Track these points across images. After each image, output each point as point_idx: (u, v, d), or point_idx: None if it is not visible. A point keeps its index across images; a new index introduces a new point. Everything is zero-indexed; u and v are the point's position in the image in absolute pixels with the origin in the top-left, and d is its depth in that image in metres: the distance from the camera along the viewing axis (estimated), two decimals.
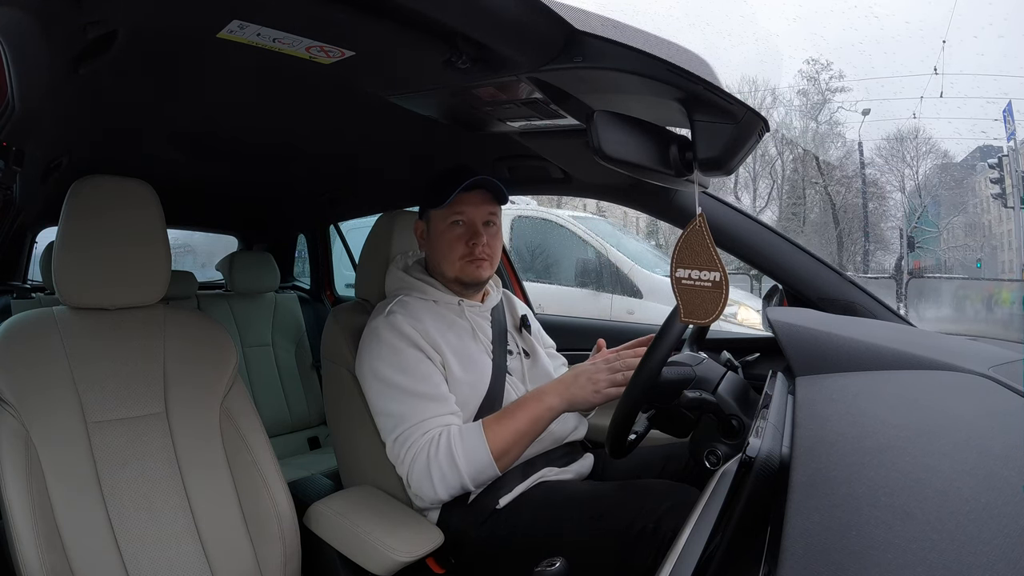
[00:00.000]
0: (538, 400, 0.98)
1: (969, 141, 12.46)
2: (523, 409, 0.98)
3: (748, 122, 0.70)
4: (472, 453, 0.95)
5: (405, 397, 1.00)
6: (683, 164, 0.72)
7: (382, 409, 1.02)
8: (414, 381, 1.00)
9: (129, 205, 0.99)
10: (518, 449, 0.98)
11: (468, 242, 1.09)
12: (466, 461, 0.95)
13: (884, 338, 0.82)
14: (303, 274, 2.93)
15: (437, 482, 0.95)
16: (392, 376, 1.01)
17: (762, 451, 0.54)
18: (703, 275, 0.67)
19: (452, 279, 1.11)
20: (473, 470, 0.95)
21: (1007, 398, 0.64)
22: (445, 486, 0.96)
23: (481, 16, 0.63)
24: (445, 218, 1.10)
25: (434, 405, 1.00)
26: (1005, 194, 9.48)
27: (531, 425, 0.97)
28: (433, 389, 1.01)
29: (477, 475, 0.96)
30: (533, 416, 0.97)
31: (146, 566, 0.90)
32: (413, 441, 0.97)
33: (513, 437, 0.96)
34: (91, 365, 0.95)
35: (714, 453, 0.89)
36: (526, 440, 0.98)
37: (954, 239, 11.66)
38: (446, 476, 0.95)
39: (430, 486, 0.96)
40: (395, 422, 1.00)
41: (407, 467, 0.98)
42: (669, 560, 0.47)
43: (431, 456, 0.95)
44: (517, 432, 0.96)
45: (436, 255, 1.12)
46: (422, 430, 0.97)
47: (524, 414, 0.97)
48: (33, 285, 2.10)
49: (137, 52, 0.73)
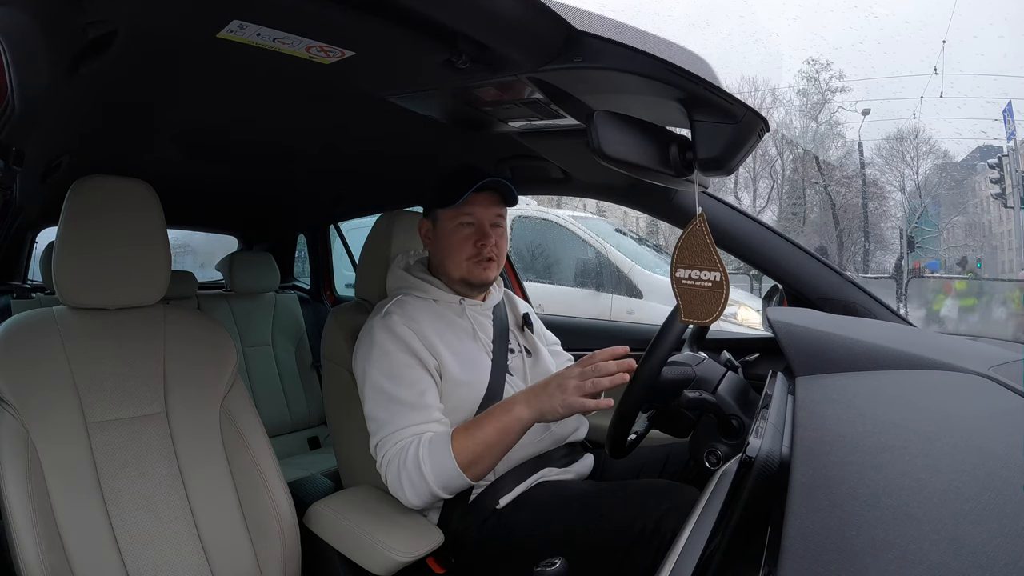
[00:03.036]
0: (506, 411, 0.94)
1: (969, 141, 12.46)
2: (490, 419, 0.94)
3: (748, 122, 0.70)
4: (438, 464, 0.93)
5: (388, 403, 0.99)
6: (683, 164, 0.72)
7: (368, 413, 1.03)
8: (399, 387, 0.99)
9: (129, 205, 0.99)
10: (489, 459, 0.94)
11: (476, 243, 1.09)
12: (432, 471, 0.93)
13: (884, 338, 0.82)
14: (303, 274, 2.93)
15: (407, 490, 0.95)
16: (379, 380, 1.01)
17: (762, 451, 0.54)
18: (703, 275, 0.67)
19: (458, 279, 1.11)
20: (440, 480, 0.93)
21: (1007, 398, 0.64)
22: (416, 494, 0.95)
23: (481, 16, 0.63)
24: (454, 218, 1.09)
25: (413, 413, 0.98)
26: (1005, 194, 9.48)
27: (499, 436, 0.93)
28: (416, 398, 0.99)
29: (446, 484, 0.94)
30: (500, 427, 0.93)
31: (146, 566, 0.90)
32: (387, 449, 0.97)
33: (480, 448, 0.93)
34: (91, 365, 0.95)
35: (714, 453, 0.89)
36: (496, 450, 0.94)
37: (954, 239, 11.65)
38: (415, 484, 0.94)
39: (403, 493, 0.96)
40: (376, 427, 1.00)
41: (383, 472, 0.98)
42: (669, 560, 0.47)
43: (400, 464, 0.95)
44: (484, 443, 0.93)
45: (442, 255, 1.11)
46: (395, 439, 0.97)
47: (491, 425, 0.94)
48: (33, 285, 2.10)
49: (137, 52, 0.73)
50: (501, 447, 0.94)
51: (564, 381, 0.90)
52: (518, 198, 1.12)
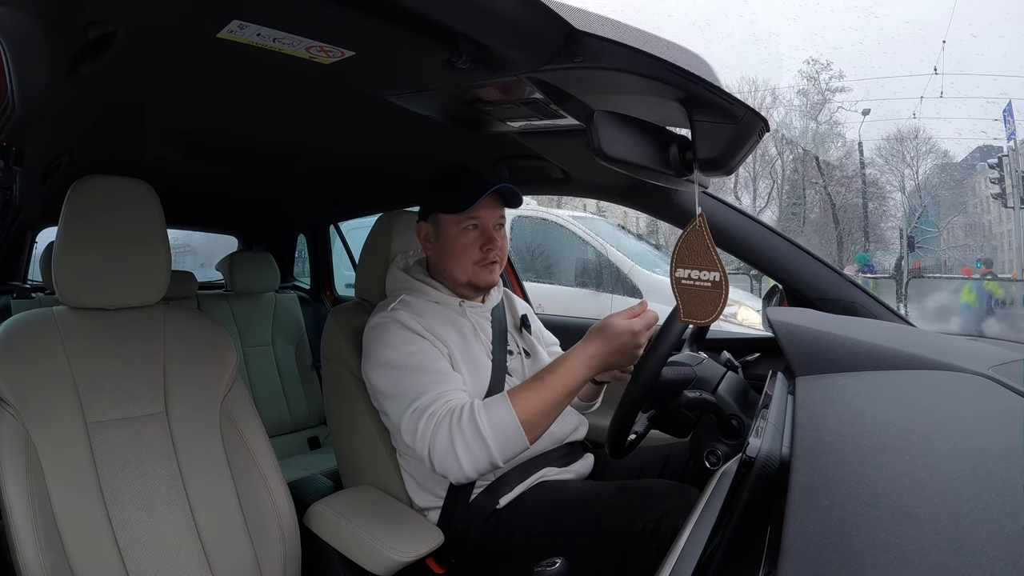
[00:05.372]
0: (570, 369, 0.90)
1: (969, 141, 12.47)
2: (557, 376, 0.90)
3: (748, 122, 0.70)
4: (498, 423, 0.86)
5: (419, 375, 0.95)
6: (683, 164, 0.72)
7: (393, 392, 0.96)
8: (427, 361, 0.97)
9: (129, 205, 0.99)
10: (548, 420, 0.90)
11: (483, 247, 1.07)
12: (492, 432, 0.86)
13: (884, 338, 0.82)
14: (303, 274, 2.93)
15: (462, 455, 0.87)
16: (404, 359, 0.97)
17: (762, 451, 0.54)
18: (703, 275, 0.67)
19: (464, 283, 1.09)
20: (501, 443, 0.87)
21: (1007, 398, 0.64)
22: (471, 460, 0.87)
23: (481, 16, 0.63)
24: (459, 223, 1.07)
25: (451, 379, 0.96)
26: (1005, 194, 9.48)
27: (566, 396, 0.90)
28: (447, 368, 0.98)
29: (505, 447, 0.87)
30: (568, 386, 0.89)
31: (146, 566, 0.90)
32: (433, 411, 0.90)
33: (545, 407, 0.89)
34: (91, 365, 0.95)
35: (714, 453, 0.89)
36: (557, 412, 0.90)
37: (954, 239, 11.66)
38: (472, 449, 0.86)
39: (455, 461, 0.87)
40: (410, 398, 0.93)
41: (428, 442, 0.89)
42: (669, 560, 0.47)
43: (453, 426, 0.87)
44: (549, 402, 0.89)
45: (446, 259, 1.09)
46: (442, 399, 0.91)
47: (559, 382, 0.89)
48: (33, 285, 2.10)
49: (137, 52, 0.73)
50: (561, 408, 0.91)
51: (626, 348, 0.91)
52: (520, 201, 1.11)
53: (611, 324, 0.92)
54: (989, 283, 7.57)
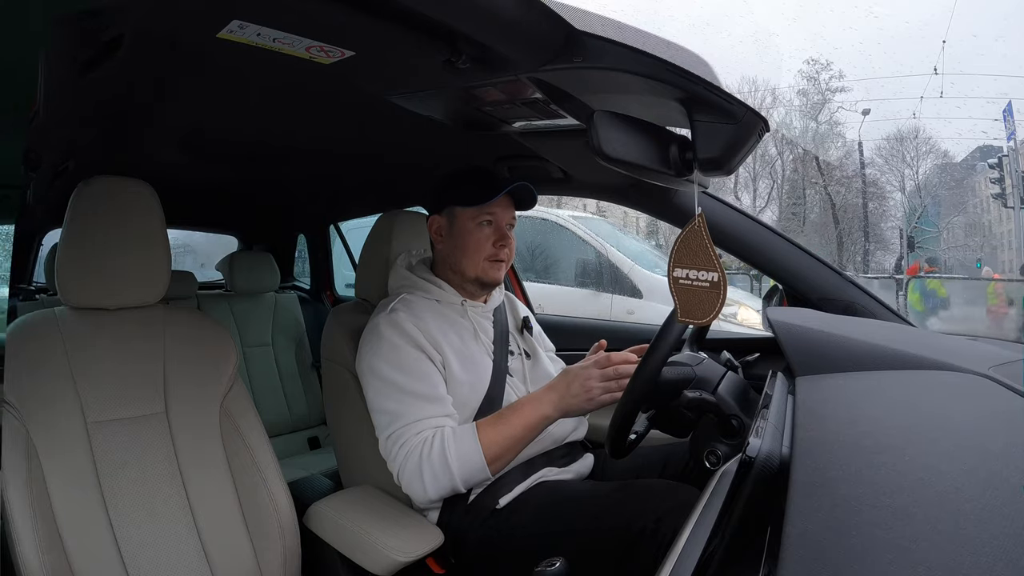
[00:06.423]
0: (534, 408, 0.98)
1: (969, 141, 12.48)
2: (518, 415, 0.98)
3: (748, 122, 0.70)
4: (465, 455, 0.95)
5: (402, 396, 1.00)
6: (683, 164, 0.72)
7: (378, 406, 1.02)
8: (411, 380, 1.00)
9: (130, 206, 0.99)
10: (511, 454, 0.98)
11: (496, 243, 1.10)
12: (459, 463, 0.95)
13: (884, 338, 0.82)
14: (303, 274, 2.93)
15: (428, 482, 0.95)
16: (390, 374, 1.01)
17: (762, 451, 0.54)
18: (701, 275, 0.67)
19: (472, 278, 1.11)
20: (465, 472, 0.95)
21: (1007, 398, 0.64)
22: (436, 486, 0.96)
23: (481, 16, 0.63)
24: (474, 217, 1.09)
25: (430, 406, 0.99)
26: (1005, 194, 9.49)
27: (525, 432, 0.97)
28: (430, 389, 1.00)
29: (469, 477, 0.96)
30: (528, 423, 0.97)
31: (146, 566, 0.90)
32: (406, 440, 0.97)
33: (507, 442, 0.96)
34: (91, 365, 0.95)
35: (714, 453, 0.89)
36: (519, 446, 0.98)
37: (954, 239, 11.66)
38: (437, 476, 0.95)
39: (420, 486, 0.96)
40: (390, 419, 1.00)
41: (399, 465, 0.98)
42: (669, 560, 0.47)
43: (423, 456, 0.95)
44: (511, 438, 0.97)
45: (458, 253, 1.11)
46: (416, 429, 0.98)
47: (519, 420, 0.97)
48: (38, 287, 2.10)
49: (140, 55, 0.73)
50: (524, 442, 0.98)
51: (587, 382, 0.96)
52: (535, 203, 1.13)
53: (569, 368, 1.01)
54: (931, 282, 7.62)
